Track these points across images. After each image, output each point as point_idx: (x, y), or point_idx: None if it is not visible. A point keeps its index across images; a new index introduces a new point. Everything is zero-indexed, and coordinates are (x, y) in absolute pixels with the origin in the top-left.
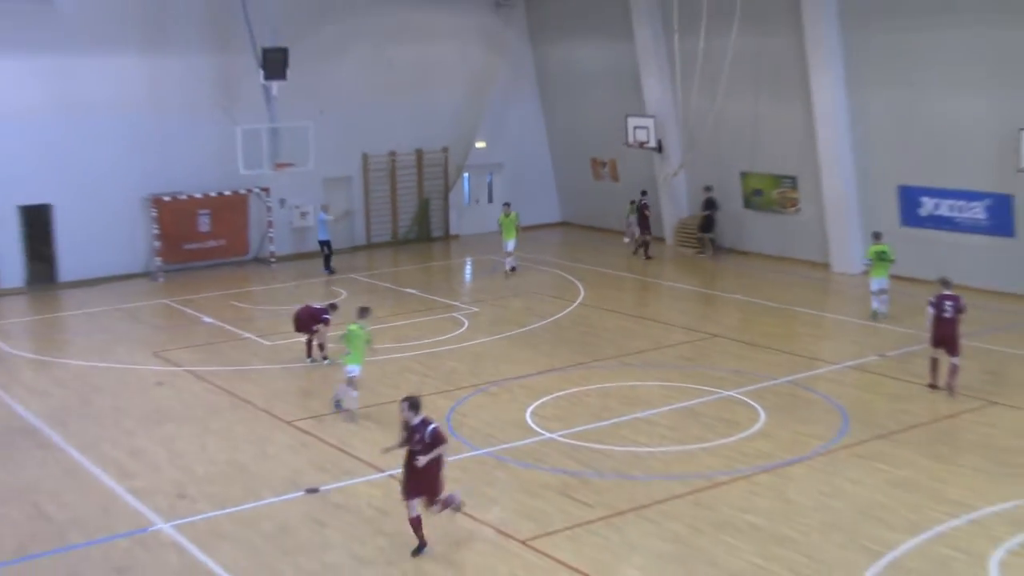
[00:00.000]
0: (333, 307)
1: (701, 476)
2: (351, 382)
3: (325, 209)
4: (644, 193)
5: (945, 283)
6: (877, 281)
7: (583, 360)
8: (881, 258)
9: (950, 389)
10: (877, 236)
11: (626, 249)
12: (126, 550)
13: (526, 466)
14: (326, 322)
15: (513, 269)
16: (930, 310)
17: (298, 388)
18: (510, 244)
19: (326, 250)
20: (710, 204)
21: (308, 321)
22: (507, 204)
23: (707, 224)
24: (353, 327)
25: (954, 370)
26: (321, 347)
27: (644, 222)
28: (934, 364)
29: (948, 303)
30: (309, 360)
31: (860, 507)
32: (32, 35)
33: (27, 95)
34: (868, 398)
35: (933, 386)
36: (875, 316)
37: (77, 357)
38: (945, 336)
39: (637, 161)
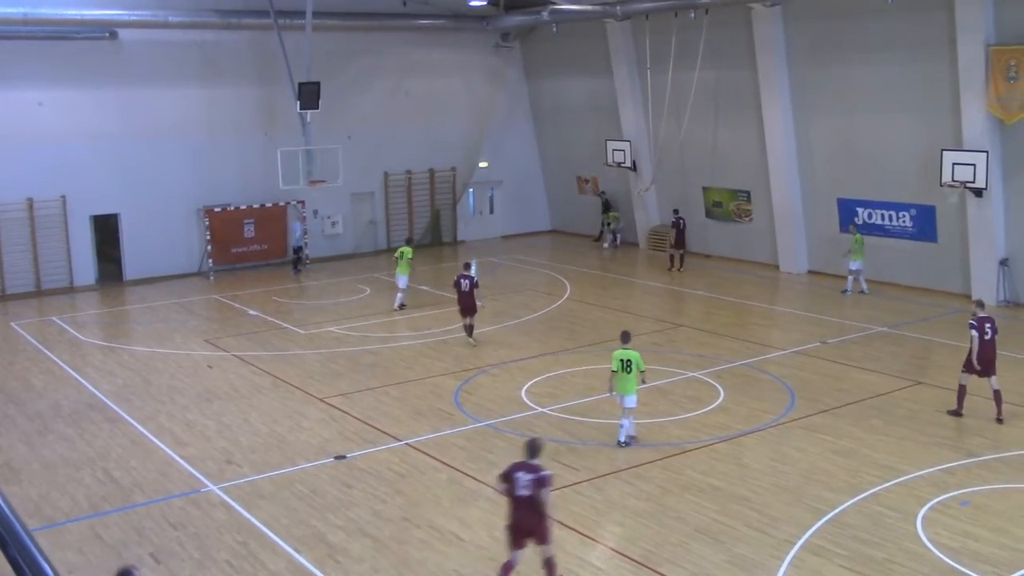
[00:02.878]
0: (468, 266)
1: (670, 445)
2: (628, 412)
3: (302, 221)
4: (676, 211)
5: (980, 305)
6: (857, 263)
7: (570, 346)
8: (862, 243)
9: (1000, 419)
10: (857, 226)
11: (605, 253)
12: (181, 508)
13: (522, 435)
14: (477, 284)
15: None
16: (974, 333)
17: (329, 370)
18: (403, 280)
19: (298, 255)
20: (606, 203)
21: (473, 300)
22: (409, 240)
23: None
24: (626, 353)
25: (999, 396)
26: (470, 329)
27: (680, 237)
28: (963, 392)
29: (988, 324)
30: (473, 342)
31: (805, 471)
32: (103, 68)
33: (98, 120)
34: (812, 378)
35: (958, 413)
36: (853, 291)
37: (139, 344)
38: (989, 357)
39: (615, 178)
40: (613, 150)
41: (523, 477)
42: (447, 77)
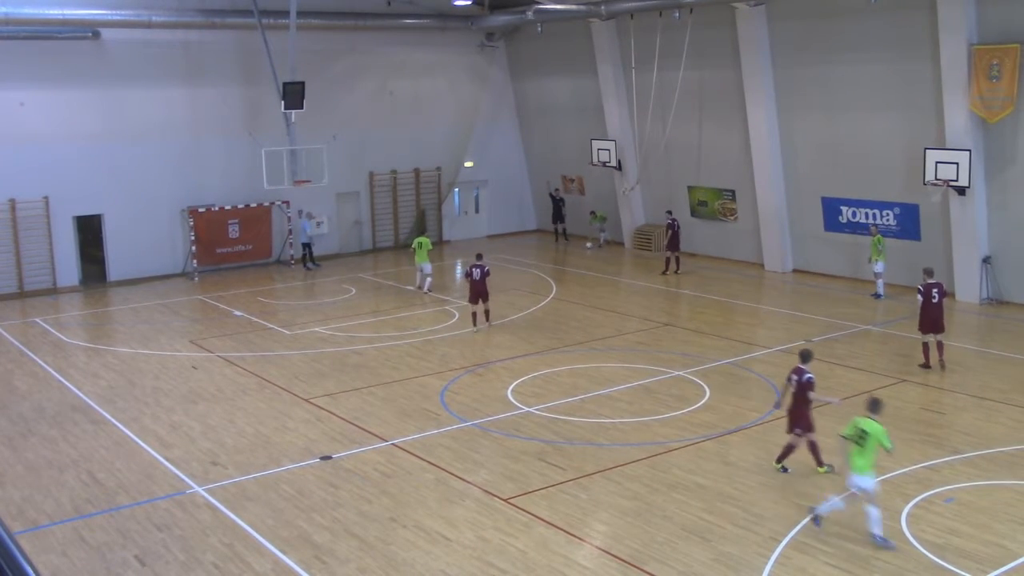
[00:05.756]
0: (480, 256)
1: (656, 443)
2: (867, 496)
3: (309, 217)
4: (670, 212)
5: (929, 272)
6: (879, 265)
7: (556, 345)
8: (883, 244)
9: (942, 364)
10: (877, 226)
11: (590, 252)
12: (166, 510)
13: (508, 435)
14: (489, 272)
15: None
16: (919, 297)
17: (315, 370)
18: (428, 266)
19: (307, 250)
20: (557, 201)
21: (485, 287)
22: (423, 230)
23: (557, 215)
24: (867, 423)
25: (941, 346)
26: (487, 314)
27: (674, 240)
28: (926, 348)
29: (935, 290)
30: (475, 329)
31: (791, 469)
32: (86, 68)
33: (81, 120)
34: None
35: (927, 366)
36: (878, 297)
37: (124, 345)
38: (934, 318)
39: (600, 178)
40: (598, 149)
41: (793, 378)
42: (432, 77)
